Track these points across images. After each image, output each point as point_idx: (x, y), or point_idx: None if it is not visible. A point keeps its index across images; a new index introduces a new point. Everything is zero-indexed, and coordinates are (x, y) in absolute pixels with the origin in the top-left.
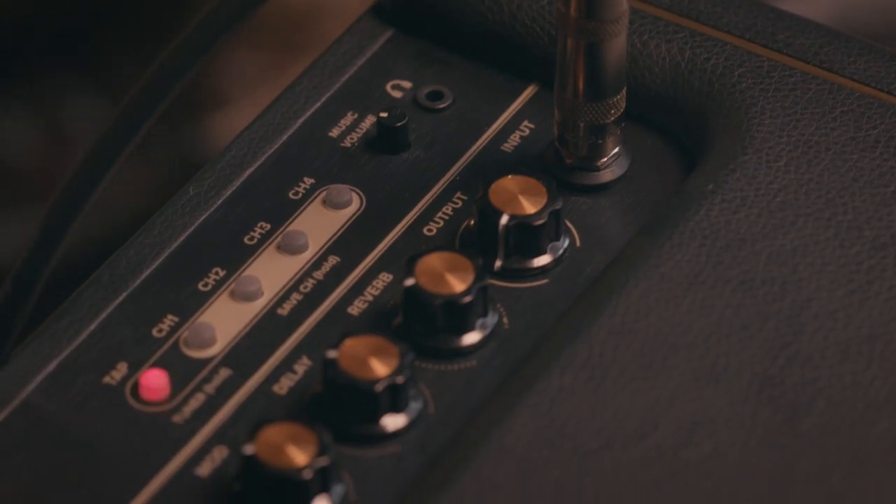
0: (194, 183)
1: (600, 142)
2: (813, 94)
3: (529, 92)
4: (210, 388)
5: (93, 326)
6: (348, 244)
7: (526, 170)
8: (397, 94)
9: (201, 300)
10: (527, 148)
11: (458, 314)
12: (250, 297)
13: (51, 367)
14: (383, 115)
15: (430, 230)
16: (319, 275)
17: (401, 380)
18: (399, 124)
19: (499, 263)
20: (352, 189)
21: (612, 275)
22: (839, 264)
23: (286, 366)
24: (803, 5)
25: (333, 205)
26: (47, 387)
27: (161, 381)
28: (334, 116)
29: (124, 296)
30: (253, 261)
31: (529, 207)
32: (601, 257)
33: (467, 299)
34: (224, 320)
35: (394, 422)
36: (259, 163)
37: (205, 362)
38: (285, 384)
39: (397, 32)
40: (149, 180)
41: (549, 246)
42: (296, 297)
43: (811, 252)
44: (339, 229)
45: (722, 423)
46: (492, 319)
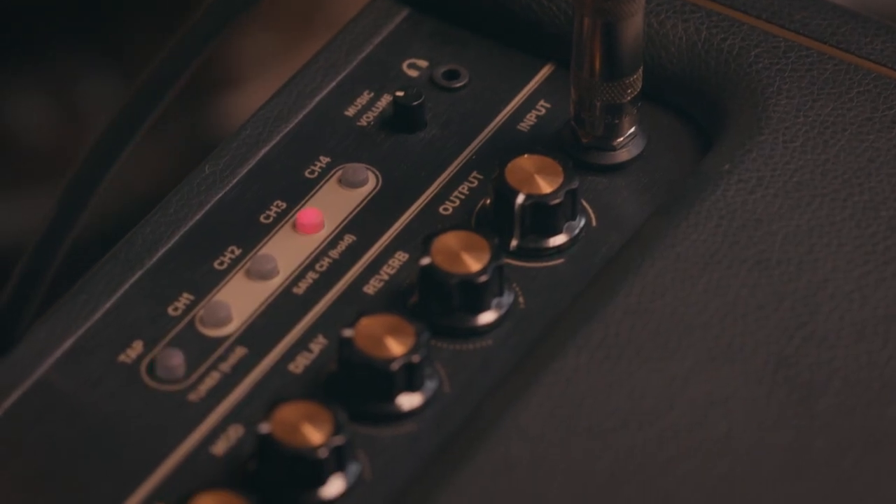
0: (210, 161)
1: (616, 121)
2: (829, 75)
3: (546, 71)
4: (225, 366)
5: (108, 304)
6: (364, 223)
7: (542, 149)
8: (413, 73)
9: (217, 279)
10: (543, 127)
11: (474, 293)
12: (266, 275)
13: (66, 345)
14: (399, 94)
15: (446, 209)
16: (335, 253)
17: (416, 359)
18: (415, 103)
19: (515, 243)
20: (368, 168)
21: (628, 254)
22: (855, 244)
23: (302, 344)
24: None
25: (349, 184)
26: (63, 365)
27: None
28: (350, 95)
29: (140, 274)
30: (269, 239)
31: (545, 187)
32: (617, 237)
33: (483, 278)
34: (240, 299)
35: (409, 401)
36: (275, 141)
37: (220, 341)
38: (301, 363)
39: (413, 11)
40: (165, 159)
41: (566, 225)
42: (311, 276)
43: (827, 232)
44: (355, 208)
45: (737, 403)
46: (507, 299)
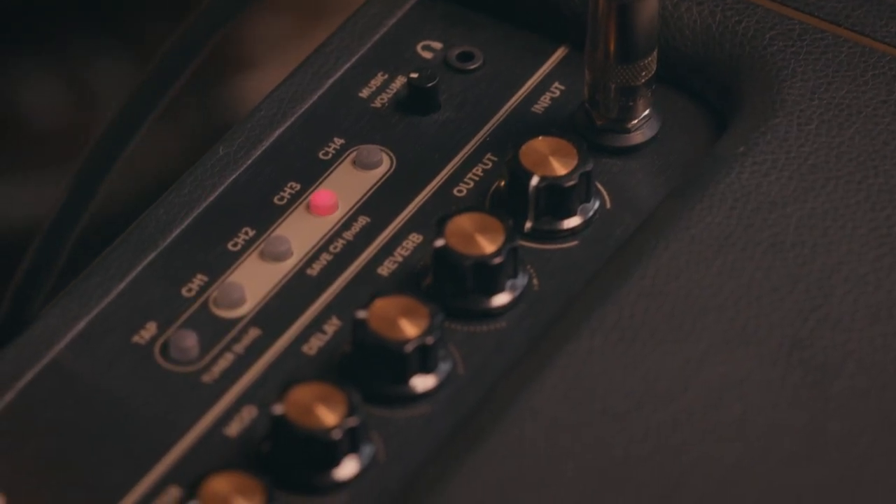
0: (224, 143)
1: (631, 104)
2: (844, 58)
3: (560, 53)
4: (239, 347)
5: (122, 285)
6: (378, 205)
7: (556, 131)
8: (428, 55)
9: (231, 260)
10: (557, 109)
11: (488, 275)
12: (280, 256)
13: (80, 325)
14: (414, 75)
15: (460, 191)
16: (349, 235)
17: (430, 340)
18: (429, 85)
19: (529, 225)
20: (382, 149)
21: (643, 237)
22: (870, 227)
23: (316, 326)
24: None
25: (363, 165)
26: (76, 346)
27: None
28: (364, 77)
29: (154, 255)
30: (282, 221)
31: (560, 169)
32: (631, 219)
33: (497, 260)
34: (253, 280)
35: (423, 382)
36: (289, 123)
37: (234, 322)
38: (315, 344)
39: None
40: (178, 140)
41: (580, 207)
42: (325, 258)
43: (842, 215)
44: (369, 190)
45: (752, 385)
46: (522, 281)
